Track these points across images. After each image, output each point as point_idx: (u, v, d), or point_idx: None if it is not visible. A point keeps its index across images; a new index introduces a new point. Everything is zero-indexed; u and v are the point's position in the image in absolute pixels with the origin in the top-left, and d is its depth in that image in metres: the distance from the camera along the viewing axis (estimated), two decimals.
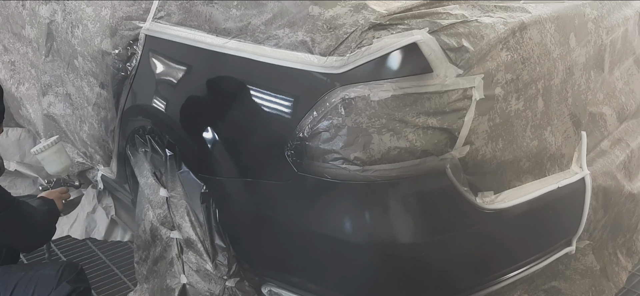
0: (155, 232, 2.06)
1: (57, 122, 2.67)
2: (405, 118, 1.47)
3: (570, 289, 1.96)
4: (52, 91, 2.61)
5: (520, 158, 1.66)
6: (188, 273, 2.01)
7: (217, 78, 1.77)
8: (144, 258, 2.16)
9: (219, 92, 1.75)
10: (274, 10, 1.67)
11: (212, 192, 1.85)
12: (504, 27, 1.59)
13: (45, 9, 2.57)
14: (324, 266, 1.70)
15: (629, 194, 2.09)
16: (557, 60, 1.74)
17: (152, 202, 2.04)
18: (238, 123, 1.71)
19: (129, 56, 2.07)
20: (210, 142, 1.77)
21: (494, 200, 1.62)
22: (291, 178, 1.60)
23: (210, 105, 1.78)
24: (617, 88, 2.09)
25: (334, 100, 1.50)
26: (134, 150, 2.15)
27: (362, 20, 1.53)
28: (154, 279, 2.13)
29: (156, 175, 2.02)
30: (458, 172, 1.54)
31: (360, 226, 1.59)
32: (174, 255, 2.03)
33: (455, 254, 1.64)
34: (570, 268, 1.96)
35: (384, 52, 1.48)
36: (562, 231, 1.88)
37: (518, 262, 1.78)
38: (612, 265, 2.12)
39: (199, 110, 1.82)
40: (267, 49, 1.63)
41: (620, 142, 2.10)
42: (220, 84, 1.75)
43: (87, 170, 2.68)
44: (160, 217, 2.01)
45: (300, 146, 1.56)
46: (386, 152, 1.48)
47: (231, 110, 1.72)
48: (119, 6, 2.13)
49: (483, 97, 1.53)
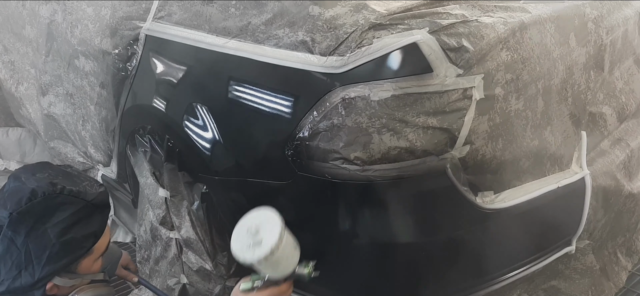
0: (155, 232, 2.06)
1: (57, 121, 2.67)
2: (405, 118, 1.47)
3: (570, 288, 1.96)
4: (52, 91, 2.61)
5: (520, 158, 1.66)
6: (188, 273, 2.01)
7: (217, 78, 1.77)
8: (146, 257, 2.16)
9: (219, 91, 1.75)
10: (274, 10, 1.67)
11: (212, 191, 1.86)
12: (504, 27, 1.59)
13: (45, 8, 2.57)
14: (324, 266, 1.70)
15: (629, 194, 2.09)
16: (557, 60, 1.74)
17: (152, 202, 2.04)
18: (238, 123, 1.71)
19: (129, 56, 2.07)
20: (210, 142, 1.77)
21: (494, 200, 1.63)
22: (291, 178, 1.60)
23: (210, 105, 1.78)
24: (617, 88, 2.09)
25: (334, 100, 1.51)
26: (134, 150, 2.15)
27: (362, 20, 1.53)
28: (157, 278, 2.13)
29: (156, 175, 2.02)
30: (458, 171, 1.54)
31: (360, 226, 1.59)
32: (174, 255, 2.03)
33: (455, 254, 1.64)
34: (570, 268, 1.96)
35: (384, 52, 1.48)
36: (562, 231, 1.88)
37: (518, 262, 1.78)
38: (611, 264, 2.12)
39: (199, 110, 1.82)
40: (267, 49, 1.63)
41: (620, 141, 2.10)
42: (221, 84, 1.75)
43: (87, 170, 2.68)
44: (160, 217, 2.01)
45: (300, 146, 1.56)
46: (386, 151, 1.48)
47: (231, 110, 1.72)
48: (119, 6, 2.13)
49: (483, 97, 1.53)
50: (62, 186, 1.67)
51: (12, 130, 3.41)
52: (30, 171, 1.75)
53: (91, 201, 1.70)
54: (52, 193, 1.66)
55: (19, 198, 1.64)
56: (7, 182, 1.74)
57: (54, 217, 1.64)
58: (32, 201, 1.63)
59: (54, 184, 1.67)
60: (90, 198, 1.70)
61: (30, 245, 1.61)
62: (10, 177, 1.75)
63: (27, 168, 1.79)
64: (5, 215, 1.62)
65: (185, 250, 1.99)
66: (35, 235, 1.61)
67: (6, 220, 1.62)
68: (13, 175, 1.76)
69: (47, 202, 1.65)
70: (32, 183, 1.67)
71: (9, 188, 1.71)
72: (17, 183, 1.70)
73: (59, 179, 1.70)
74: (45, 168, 1.79)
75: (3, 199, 1.67)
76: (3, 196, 1.69)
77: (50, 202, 1.65)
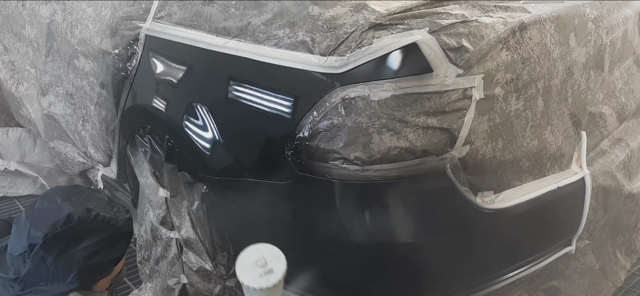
0: (155, 232, 2.06)
1: (57, 121, 2.67)
2: (405, 118, 1.47)
3: (569, 288, 1.96)
4: (52, 91, 2.61)
5: (520, 158, 1.66)
6: (188, 273, 2.01)
7: (217, 78, 1.77)
8: (146, 257, 2.16)
9: (219, 92, 1.75)
10: (274, 10, 1.67)
11: (212, 191, 1.86)
12: (504, 27, 1.59)
13: (46, 8, 2.57)
14: (324, 265, 1.70)
15: (629, 194, 2.09)
16: (557, 60, 1.74)
17: (152, 202, 2.04)
18: (238, 123, 1.71)
19: (129, 56, 2.07)
20: (210, 142, 1.77)
21: (494, 200, 1.63)
22: (291, 178, 1.60)
23: (210, 105, 1.78)
24: (617, 88, 2.09)
25: (334, 100, 1.51)
26: (134, 150, 2.15)
27: (362, 20, 1.53)
28: (157, 278, 2.13)
29: (156, 175, 2.02)
30: (458, 171, 1.54)
31: (360, 226, 1.59)
32: (174, 255, 2.03)
33: (455, 254, 1.64)
34: (570, 268, 1.96)
35: (384, 52, 1.48)
36: (562, 231, 1.88)
37: (518, 262, 1.78)
38: (611, 264, 2.12)
39: (199, 110, 1.82)
40: (267, 49, 1.63)
41: (620, 141, 2.10)
42: (221, 84, 1.75)
43: (88, 170, 2.68)
44: (160, 217, 2.01)
45: (300, 146, 1.56)
46: (386, 151, 1.48)
47: (231, 110, 1.72)
48: (119, 6, 2.13)
49: (483, 97, 1.53)
50: (97, 212, 1.76)
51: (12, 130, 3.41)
52: (65, 194, 1.82)
53: (120, 227, 1.79)
54: (87, 218, 1.73)
55: (55, 221, 1.70)
56: (40, 201, 1.81)
57: (85, 241, 1.73)
58: (67, 225, 1.70)
59: (89, 210, 1.76)
60: (120, 225, 1.79)
61: (59, 265, 1.70)
62: (43, 198, 1.82)
63: (61, 191, 1.86)
64: (40, 235, 1.69)
65: (185, 250, 1.99)
66: (65, 256, 1.70)
67: (40, 240, 1.69)
68: (46, 197, 1.83)
69: (81, 227, 1.73)
70: (68, 208, 1.74)
71: (43, 209, 1.78)
72: (52, 205, 1.77)
73: (93, 205, 1.78)
74: (79, 192, 1.87)
75: (38, 220, 1.73)
76: (37, 216, 1.75)
77: (84, 227, 1.73)
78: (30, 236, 1.69)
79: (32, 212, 1.77)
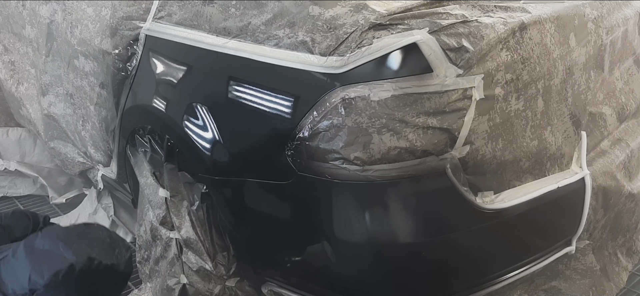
0: (155, 232, 2.06)
1: (57, 121, 2.67)
2: (405, 118, 1.47)
3: (570, 289, 1.96)
4: (52, 91, 2.61)
5: (520, 158, 1.66)
6: (188, 273, 2.01)
7: (217, 78, 1.77)
8: (146, 257, 2.16)
9: (219, 92, 1.75)
10: (274, 10, 1.67)
11: (212, 191, 1.86)
12: (504, 27, 1.59)
13: (46, 8, 2.57)
14: (324, 266, 1.70)
15: (629, 194, 2.09)
16: (557, 60, 1.74)
17: (152, 202, 2.04)
18: (238, 123, 1.71)
19: (129, 56, 2.07)
20: (210, 142, 1.77)
21: (494, 200, 1.63)
22: (291, 178, 1.60)
23: (210, 105, 1.78)
24: (617, 88, 2.09)
25: (334, 100, 1.51)
26: (134, 150, 2.15)
27: (362, 20, 1.53)
28: (157, 278, 2.13)
29: (156, 175, 2.02)
30: (458, 172, 1.54)
31: (360, 226, 1.59)
32: (174, 255, 2.03)
33: (455, 254, 1.64)
34: (570, 268, 1.96)
35: (384, 52, 1.48)
36: (562, 231, 1.88)
37: (518, 262, 1.78)
38: (612, 265, 2.12)
39: (199, 110, 1.82)
40: (267, 49, 1.63)
41: (620, 142, 2.10)
42: (221, 84, 1.75)
43: (88, 169, 2.68)
44: (160, 217, 2.01)
45: (301, 146, 1.56)
46: (386, 152, 1.48)
47: (231, 110, 1.72)
48: (119, 6, 2.13)
49: (483, 97, 1.53)
50: (99, 261, 1.73)
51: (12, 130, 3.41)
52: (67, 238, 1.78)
53: (122, 270, 1.77)
54: (88, 268, 1.70)
55: (57, 271, 1.69)
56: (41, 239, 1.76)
57: (86, 287, 1.71)
58: (69, 275, 1.68)
59: (92, 259, 1.72)
60: (122, 269, 1.77)
61: None
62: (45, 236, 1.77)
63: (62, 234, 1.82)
64: (42, 283, 1.67)
65: (185, 250, 1.99)
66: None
67: (42, 288, 1.66)
68: (48, 236, 1.78)
69: (84, 276, 1.70)
70: (70, 257, 1.71)
71: (45, 252, 1.73)
72: (53, 249, 1.73)
73: (95, 252, 1.75)
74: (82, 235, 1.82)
75: (39, 264, 1.70)
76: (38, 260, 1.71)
77: (86, 276, 1.71)
78: (31, 281, 1.66)
79: (32, 251, 1.73)
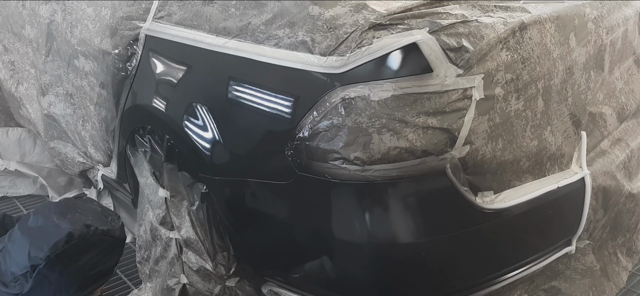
0: (155, 232, 2.06)
1: (57, 121, 2.67)
2: (405, 118, 1.47)
3: (570, 289, 1.96)
4: (52, 91, 2.61)
5: (520, 158, 1.66)
6: (188, 273, 2.01)
7: (217, 78, 1.77)
8: (145, 257, 2.16)
9: (219, 92, 1.75)
10: (274, 10, 1.67)
11: (212, 192, 1.86)
12: (504, 27, 1.59)
13: (45, 8, 2.57)
14: (324, 266, 1.70)
15: (629, 194, 2.09)
16: (557, 60, 1.74)
17: (152, 202, 2.04)
18: (238, 123, 1.71)
19: (129, 56, 2.07)
20: (210, 142, 1.77)
21: (494, 200, 1.63)
22: (291, 178, 1.60)
23: (210, 105, 1.78)
24: (617, 88, 2.09)
25: (334, 100, 1.50)
26: (134, 150, 2.15)
27: (362, 20, 1.53)
28: (156, 278, 2.13)
29: (156, 175, 2.02)
30: (458, 172, 1.54)
31: (360, 226, 1.59)
32: (174, 255, 2.03)
33: (455, 254, 1.64)
34: (570, 268, 1.96)
35: (384, 52, 1.48)
36: (562, 231, 1.88)
37: (518, 262, 1.78)
38: (612, 264, 2.12)
39: (199, 110, 1.82)
40: (267, 49, 1.63)
41: (620, 142, 2.10)
42: (221, 84, 1.75)
43: (88, 169, 2.68)
44: (160, 217, 2.01)
45: (301, 146, 1.56)
46: (386, 152, 1.48)
47: (231, 110, 1.72)
48: (119, 6, 2.13)
49: (483, 97, 1.53)
50: (95, 227, 1.80)
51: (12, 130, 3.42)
52: (59, 211, 1.84)
53: (117, 236, 1.82)
54: (86, 234, 1.75)
55: (56, 241, 1.73)
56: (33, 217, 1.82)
57: (86, 255, 1.76)
58: (69, 243, 1.72)
59: (88, 226, 1.79)
60: (118, 234, 1.83)
61: (62, 280, 1.75)
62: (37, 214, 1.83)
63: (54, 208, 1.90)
64: (43, 256, 1.71)
65: (185, 250, 1.99)
66: (68, 272, 1.74)
67: (43, 261, 1.70)
68: (41, 213, 1.84)
69: (82, 243, 1.75)
70: (67, 226, 1.77)
71: (41, 227, 1.79)
72: (48, 223, 1.78)
73: (90, 219, 1.81)
74: (72, 207, 1.91)
75: (37, 239, 1.74)
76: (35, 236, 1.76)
77: (85, 243, 1.76)
78: (31, 257, 1.70)
79: (27, 230, 1.77)
